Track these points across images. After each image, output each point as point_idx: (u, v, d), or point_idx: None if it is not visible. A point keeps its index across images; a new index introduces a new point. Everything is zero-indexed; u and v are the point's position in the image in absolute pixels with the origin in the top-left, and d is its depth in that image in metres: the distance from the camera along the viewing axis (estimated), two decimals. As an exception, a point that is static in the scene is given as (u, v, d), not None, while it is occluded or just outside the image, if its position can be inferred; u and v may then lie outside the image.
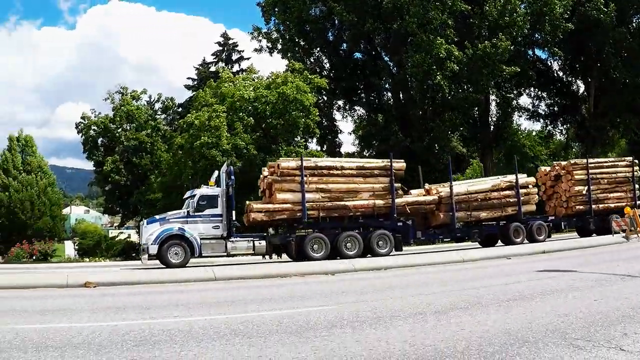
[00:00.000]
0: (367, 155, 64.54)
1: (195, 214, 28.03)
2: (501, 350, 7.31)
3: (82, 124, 68.83)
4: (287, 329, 9.35)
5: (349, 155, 66.07)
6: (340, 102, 70.31)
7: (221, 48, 75.97)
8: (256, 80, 56.64)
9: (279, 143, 52.36)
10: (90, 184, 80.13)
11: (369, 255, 28.18)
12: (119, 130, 67.75)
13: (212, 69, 73.68)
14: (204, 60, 77.04)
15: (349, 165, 29.94)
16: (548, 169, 39.73)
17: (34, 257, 44.34)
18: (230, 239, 28.03)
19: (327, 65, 68.68)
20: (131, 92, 70.37)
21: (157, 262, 27.54)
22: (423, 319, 9.86)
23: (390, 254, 28.61)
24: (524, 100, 71.29)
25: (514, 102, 67.65)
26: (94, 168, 71.80)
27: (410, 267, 23.14)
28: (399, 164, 30.97)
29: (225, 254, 28.28)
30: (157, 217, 29.88)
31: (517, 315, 9.93)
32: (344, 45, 67.41)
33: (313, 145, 62.23)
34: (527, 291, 13.06)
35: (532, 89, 70.05)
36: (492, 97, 64.20)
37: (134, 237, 58.40)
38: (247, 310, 11.91)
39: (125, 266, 28.85)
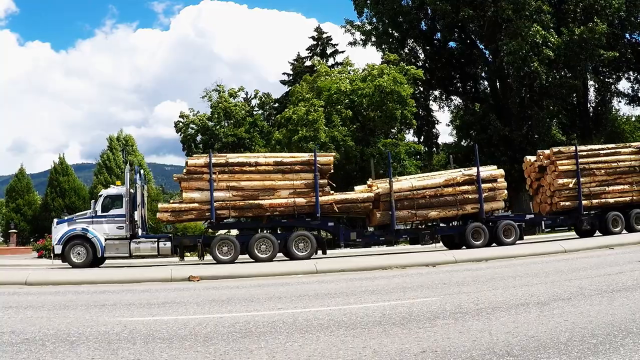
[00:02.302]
0: (464, 145, 64.02)
1: (101, 214, 27.84)
2: (605, 341, 7.29)
3: (181, 123, 70.38)
4: (390, 320, 9.43)
5: (446, 145, 65.68)
6: (437, 93, 69.82)
7: (315, 42, 76.36)
8: (352, 73, 56.86)
9: (377, 135, 52.43)
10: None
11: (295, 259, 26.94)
12: (217, 127, 68.81)
13: (307, 63, 74.21)
14: (298, 55, 77.70)
15: (264, 161, 28.19)
16: (533, 158, 34.11)
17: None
18: (134, 240, 27.44)
19: (422, 55, 68.31)
20: (228, 89, 71.47)
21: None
22: (525, 310, 9.85)
23: (311, 257, 27.05)
24: (623, 85, 69.39)
25: (613, 87, 65.97)
26: (194, 165, 73.32)
27: (510, 259, 22.81)
28: (325, 158, 28.91)
29: (127, 255, 27.58)
30: (65, 217, 30.04)
31: (621, 306, 9.81)
32: (438, 34, 66.92)
33: (410, 136, 62.25)
34: (631, 281, 12.89)
35: (631, 72, 67.61)
36: (590, 82, 62.83)
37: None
38: (349, 302, 12.02)
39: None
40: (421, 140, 65.09)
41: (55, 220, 29.29)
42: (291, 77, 74.87)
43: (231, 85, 75.55)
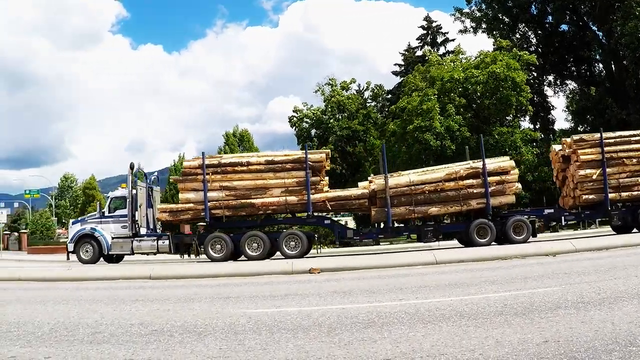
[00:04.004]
0: (581, 130, 62.75)
1: (108, 214, 29.94)
2: None
3: (295, 118, 71.04)
4: (512, 311, 9.34)
5: (562, 131, 64.31)
6: (551, 78, 68.57)
7: (425, 32, 75.48)
8: (464, 61, 56.38)
9: (492, 123, 51.79)
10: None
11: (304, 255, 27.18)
12: (331, 120, 69.19)
13: (418, 53, 73.59)
14: (409, 45, 76.93)
15: (256, 161, 28.20)
16: (558, 147, 30.99)
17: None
18: (136, 238, 28.75)
19: (534, 40, 67.20)
20: (340, 82, 71.78)
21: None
22: (648, 300, 9.61)
23: (303, 255, 26.82)
24: None
25: None
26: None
27: (632, 247, 22.30)
28: (316, 156, 28.29)
29: (130, 252, 28.94)
30: (79, 218, 32.91)
31: None
32: (549, 18, 65.69)
33: (526, 123, 61.28)
34: None
35: None
36: None
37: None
38: (469, 293, 11.99)
39: (349, 252, 29.36)
40: (537, 127, 63.99)
41: (71, 220, 32.54)
42: (403, 68, 74.33)
43: (343, 78, 76.28)
